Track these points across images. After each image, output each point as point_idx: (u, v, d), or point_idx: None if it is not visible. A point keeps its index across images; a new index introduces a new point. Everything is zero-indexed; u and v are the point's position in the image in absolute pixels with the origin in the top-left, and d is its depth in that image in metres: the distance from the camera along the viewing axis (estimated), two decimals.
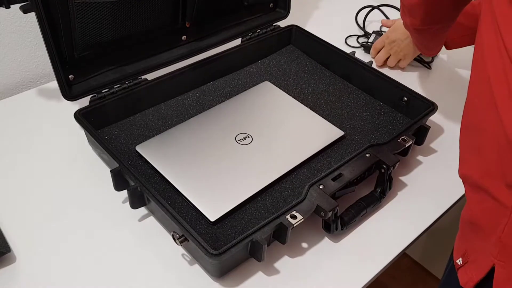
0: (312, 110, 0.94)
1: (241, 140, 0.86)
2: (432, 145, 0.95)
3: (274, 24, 1.12)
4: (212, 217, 0.74)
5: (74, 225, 0.77)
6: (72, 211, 0.79)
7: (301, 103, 0.96)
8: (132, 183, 0.74)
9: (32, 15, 0.77)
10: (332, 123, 0.91)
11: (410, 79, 1.10)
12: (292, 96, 0.97)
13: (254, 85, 1.01)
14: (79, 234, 0.76)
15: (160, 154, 0.83)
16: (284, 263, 0.74)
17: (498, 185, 0.59)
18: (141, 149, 0.83)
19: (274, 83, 1.01)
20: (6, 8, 0.75)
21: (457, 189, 0.86)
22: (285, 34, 1.12)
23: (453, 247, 0.73)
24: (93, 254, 0.74)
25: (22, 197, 0.81)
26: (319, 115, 0.93)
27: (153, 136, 0.87)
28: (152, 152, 0.83)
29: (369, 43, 1.15)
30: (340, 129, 0.90)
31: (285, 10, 1.12)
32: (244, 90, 0.99)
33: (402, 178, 0.89)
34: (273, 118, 0.92)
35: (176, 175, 0.79)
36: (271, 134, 0.88)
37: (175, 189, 0.78)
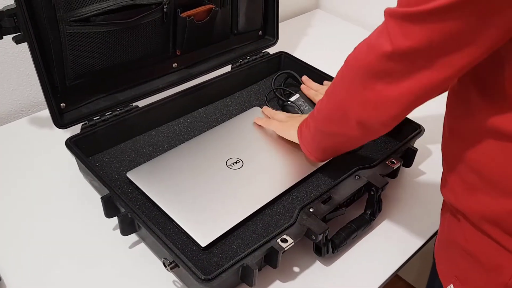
0: None
1: (232, 164, 0.87)
2: (421, 167, 0.97)
3: (263, 51, 1.14)
4: (203, 243, 0.74)
5: (64, 252, 0.77)
6: (62, 238, 0.79)
7: None
8: (122, 210, 0.74)
9: (24, 45, 0.78)
10: None
11: None
12: None
13: (244, 110, 1.02)
14: (70, 261, 0.76)
15: (151, 180, 0.83)
16: None
17: (500, 233, 0.59)
18: (131, 175, 0.84)
19: None
20: None
21: None
22: (274, 60, 1.14)
23: (433, 262, 0.73)
24: (83, 281, 0.73)
25: (12, 224, 0.81)
26: None
27: (144, 162, 0.88)
28: (143, 178, 0.83)
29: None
30: None
31: (274, 37, 1.15)
32: (235, 116, 1.00)
33: (392, 200, 0.89)
34: (264, 143, 0.93)
35: (167, 200, 0.80)
36: (262, 158, 0.89)
37: (165, 215, 0.78)
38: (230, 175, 0.85)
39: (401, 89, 0.57)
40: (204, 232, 0.75)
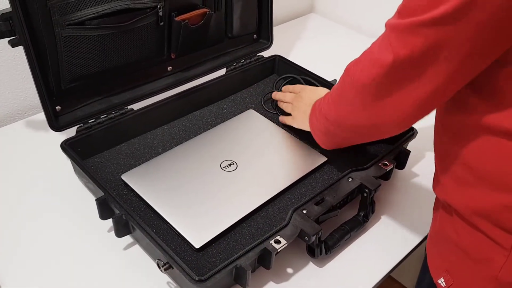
0: (296, 137, 0.96)
1: (226, 167, 0.87)
2: (414, 169, 0.97)
3: (257, 54, 1.15)
4: (197, 244, 0.74)
5: (59, 253, 0.77)
6: (57, 240, 0.80)
7: (285, 130, 0.98)
8: (117, 212, 0.75)
9: (20, 49, 0.79)
10: (315, 149, 0.93)
11: None
12: (276, 124, 0.99)
13: (239, 113, 1.03)
14: (65, 263, 0.76)
15: (146, 182, 0.83)
16: None
17: (490, 226, 0.60)
18: (126, 177, 0.84)
19: (258, 111, 1.03)
20: None
21: None
22: (269, 63, 1.15)
23: (425, 257, 0.74)
24: (78, 283, 0.74)
25: (7, 226, 0.81)
26: (303, 141, 0.95)
27: (139, 164, 0.88)
28: (138, 180, 0.84)
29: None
30: (323, 154, 0.92)
31: (268, 41, 1.15)
32: (229, 119, 1.01)
33: (385, 202, 0.90)
34: (258, 145, 0.94)
35: (161, 202, 0.80)
36: (256, 160, 0.90)
37: (160, 217, 0.79)
38: (224, 177, 0.86)
39: (414, 97, 0.58)
40: (198, 233, 0.76)
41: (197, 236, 0.75)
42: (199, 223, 0.77)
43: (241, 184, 0.85)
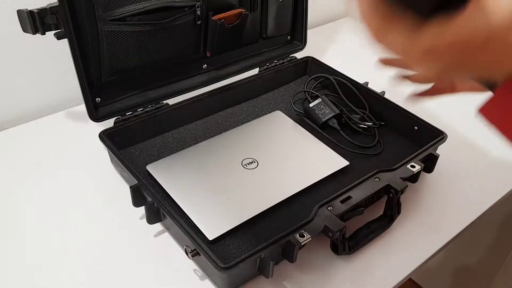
0: (321, 140, 0.97)
1: (247, 164, 0.89)
2: (442, 173, 0.97)
3: (290, 56, 1.17)
4: (211, 236, 0.76)
5: (94, 237, 0.81)
6: (93, 224, 0.83)
7: (311, 133, 0.99)
8: (149, 199, 0.78)
9: (63, 42, 0.83)
10: (338, 153, 0.94)
11: (421, 109, 1.12)
12: (301, 126, 1.01)
13: (270, 112, 1.05)
14: (99, 247, 0.80)
15: (168, 174, 0.86)
16: (292, 282, 0.76)
17: None
18: (151, 168, 0.88)
19: (288, 110, 1.05)
20: (41, 34, 0.82)
21: (464, 218, 0.88)
22: (301, 65, 1.17)
23: None
24: (110, 267, 0.77)
25: (47, 209, 0.86)
26: (328, 144, 0.96)
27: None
28: (161, 171, 0.87)
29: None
30: (352, 156, 0.94)
31: (302, 42, 1.17)
32: (258, 117, 1.03)
33: (411, 204, 0.90)
34: (280, 146, 0.95)
35: (180, 193, 0.82)
36: (277, 160, 0.91)
37: (178, 207, 0.81)
38: (244, 174, 0.87)
39: None
40: (213, 226, 0.78)
41: (212, 228, 0.77)
42: (216, 216, 0.79)
43: (259, 181, 0.86)
